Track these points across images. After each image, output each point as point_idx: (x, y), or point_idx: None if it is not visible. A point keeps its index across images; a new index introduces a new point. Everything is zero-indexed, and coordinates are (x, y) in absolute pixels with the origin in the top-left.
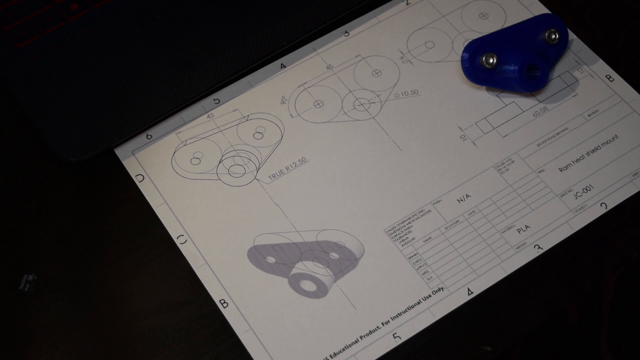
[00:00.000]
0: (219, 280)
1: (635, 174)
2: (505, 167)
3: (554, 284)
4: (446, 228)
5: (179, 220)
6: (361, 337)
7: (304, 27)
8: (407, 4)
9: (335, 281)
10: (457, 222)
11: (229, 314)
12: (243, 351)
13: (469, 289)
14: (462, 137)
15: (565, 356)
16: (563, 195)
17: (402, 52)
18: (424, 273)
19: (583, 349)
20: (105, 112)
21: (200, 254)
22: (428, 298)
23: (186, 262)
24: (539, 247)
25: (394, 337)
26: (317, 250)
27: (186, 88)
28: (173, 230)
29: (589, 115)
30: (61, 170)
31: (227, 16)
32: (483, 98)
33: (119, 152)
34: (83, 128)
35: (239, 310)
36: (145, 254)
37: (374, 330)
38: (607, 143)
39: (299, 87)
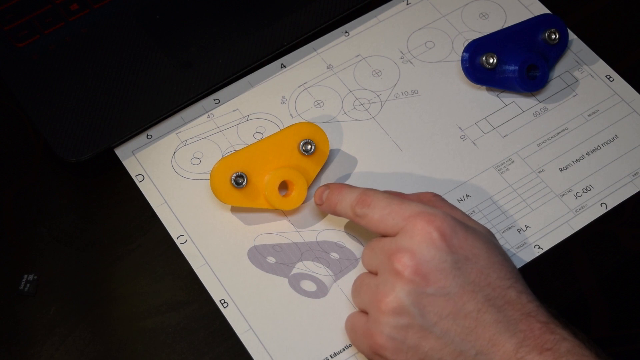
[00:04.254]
0: (219, 280)
1: (635, 174)
2: (505, 167)
3: (554, 284)
4: None
5: (179, 220)
6: None
7: (304, 27)
8: (407, 4)
9: (335, 281)
10: None
11: (229, 314)
12: (243, 351)
13: None
14: (462, 137)
15: None
16: (563, 195)
17: (402, 52)
18: None
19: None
20: (105, 112)
21: (200, 254)
22: None
23: (186, 262)
24: (539, 247)
25: None
26: (317, 250)
27: (186, 88)
28: (173, 230)
29: (589, 115)
30: (61, 170)
31: (227, 16)
32: (483, 98)
33: (119, 152)
34: (83, 128)
35: (239, 310)
36: (145, 254)
37: None
38: (607, 143)
39: (299, 87)
